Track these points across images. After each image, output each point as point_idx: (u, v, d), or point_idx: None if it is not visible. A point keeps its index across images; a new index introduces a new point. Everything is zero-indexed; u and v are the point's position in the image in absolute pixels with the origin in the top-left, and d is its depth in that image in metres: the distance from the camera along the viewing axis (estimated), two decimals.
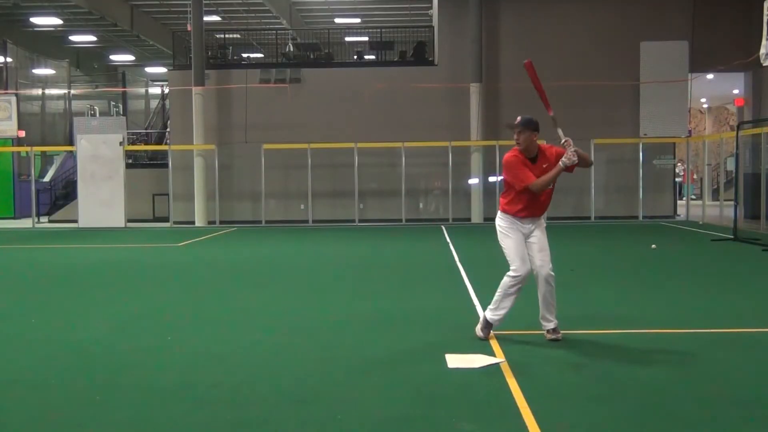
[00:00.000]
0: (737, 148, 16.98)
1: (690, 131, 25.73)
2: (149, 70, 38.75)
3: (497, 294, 6.36)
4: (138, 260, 13.54)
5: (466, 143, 21.93)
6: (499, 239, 6.45)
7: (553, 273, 6.30)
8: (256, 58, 27.19)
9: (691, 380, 5.26)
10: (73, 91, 31.60)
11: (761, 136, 18.28)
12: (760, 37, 15.13)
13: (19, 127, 24.53)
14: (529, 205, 6.33)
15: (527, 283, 6.31)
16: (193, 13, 22.41)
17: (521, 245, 6.32)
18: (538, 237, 6.34)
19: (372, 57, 25.26)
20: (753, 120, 21.16)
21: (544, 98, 6.45)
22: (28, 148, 24.19)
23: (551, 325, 6.40)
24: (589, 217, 21.75)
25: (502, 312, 6.36)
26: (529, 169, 6.24)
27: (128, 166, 22.90)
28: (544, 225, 6.47)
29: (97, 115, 31.67)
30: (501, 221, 6.45)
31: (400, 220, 21.75)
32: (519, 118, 6.32)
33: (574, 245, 15.18)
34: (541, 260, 6.27)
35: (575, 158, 6.07)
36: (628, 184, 22.18)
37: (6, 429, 4.42)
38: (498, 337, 6.45)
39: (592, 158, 20.58)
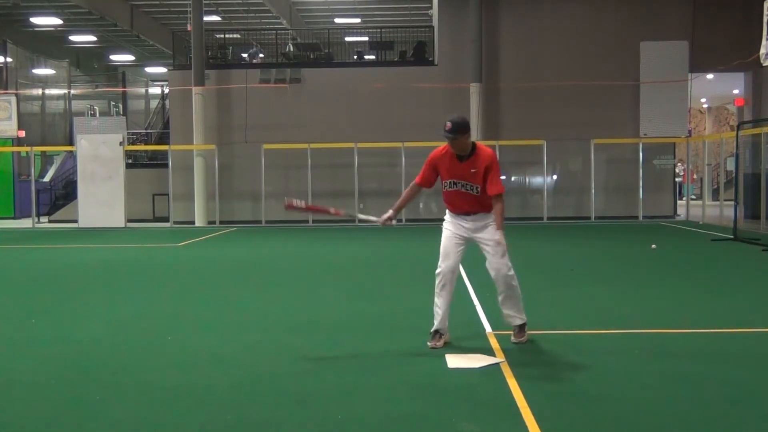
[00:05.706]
0: (737, 148, 16.98)
1: (690, 131, 25.73)
2: (149, 70, 38.75)
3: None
4: (138, 260, 13.53)
5: None
6: None
7: (510, 273, 6.09)
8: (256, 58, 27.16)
9: (691, 380, 5.25)
10: (73, 91, 31.60)
11: (761, 136, 18.27)
12: (760, 37, 15.13)
13: (19, 127, 24.52)
14: (448, 200, 6.23)
15: (455, 282, 6.14)
16: (193, 13, 22.41)
17: (448, 241, 6.16)
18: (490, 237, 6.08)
19: (372, 57, 25.27)
20: (753, 120, 21.16)
21: (324, 211, 6.60)
22: (28, 148, 24.19)
23: (518, 322, 6.16)
24: (589, 217, 21.75)
25: (438, 312, 6.06)
26: (451, 168, 6.08)
27: (128, 166, 22.90)
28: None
29: (97, 115, 31.67)
30: (445, 217, 6.38)
31: (401, 220, 21.75)
32: (449, 125, 5.90)
33: (574, 245, 15.18)
34: (496, 262, 6.08)
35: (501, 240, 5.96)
36: (628, 184, 22.18)
37: (6, 429, 4.42)
38: (498, 337, 6.45)
39: (592, 159, 20.99)
